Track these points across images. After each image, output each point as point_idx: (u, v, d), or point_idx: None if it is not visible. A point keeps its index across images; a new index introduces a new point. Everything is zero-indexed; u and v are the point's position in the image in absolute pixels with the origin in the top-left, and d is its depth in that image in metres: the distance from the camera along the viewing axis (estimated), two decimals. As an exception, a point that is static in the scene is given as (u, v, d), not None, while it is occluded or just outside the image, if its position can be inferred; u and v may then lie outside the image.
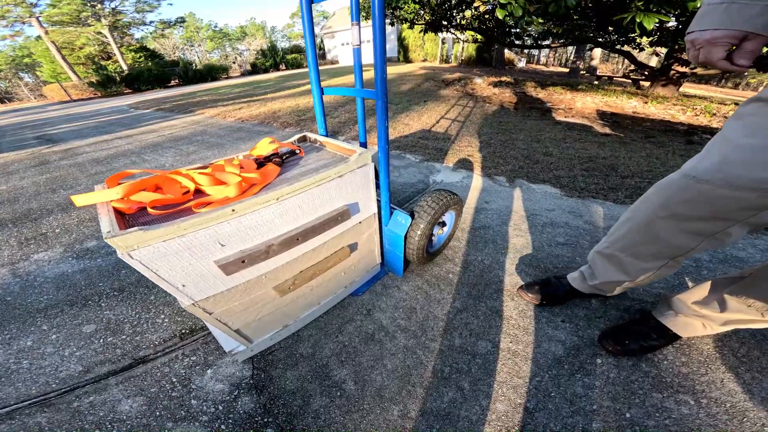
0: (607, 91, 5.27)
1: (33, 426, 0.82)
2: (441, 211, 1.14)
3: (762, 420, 0.74)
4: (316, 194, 0.81)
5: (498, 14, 3.24)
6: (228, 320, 0.78)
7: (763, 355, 0.89)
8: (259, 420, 0.80)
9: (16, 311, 1.21)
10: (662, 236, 0.74)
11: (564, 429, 0.75)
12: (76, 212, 2.01)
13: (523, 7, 3.18)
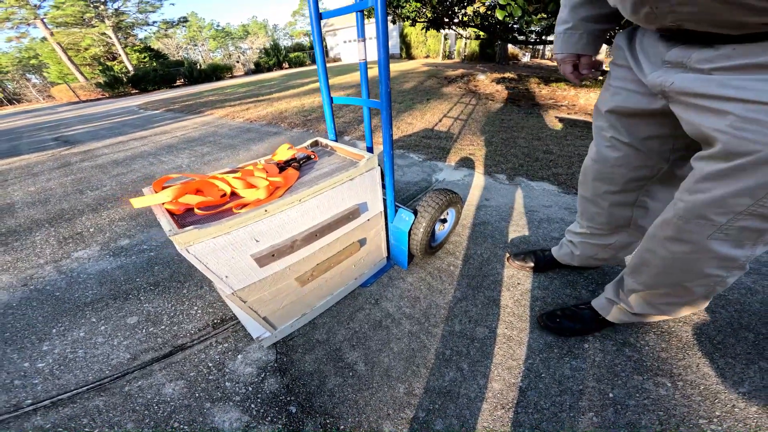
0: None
1: (92, 408, 0.93)
2: (442, 208, 1.24)
3: (732, 402, 0.83)
4: (331, 195, 0.91)
5: (498, 15, 3.30)
6: (258, 308, 0.89)
7: (738, 342, 0.97)
8: (283, 399, 0.91)
9: (66, 305, 1.32)
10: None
11: (553, 407, 0.85)
12: (106, 213, 2.14)
13: (522, 8, 3.24)
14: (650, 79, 0.66)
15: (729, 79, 0.53)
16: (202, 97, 10.15)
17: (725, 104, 0.54)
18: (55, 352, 1.11)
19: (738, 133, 0.52)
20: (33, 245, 1.80)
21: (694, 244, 0.66)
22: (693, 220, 0.63)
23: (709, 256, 0.65)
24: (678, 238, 0.68)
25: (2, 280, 1.49)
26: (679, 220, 0.66)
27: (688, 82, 0.58)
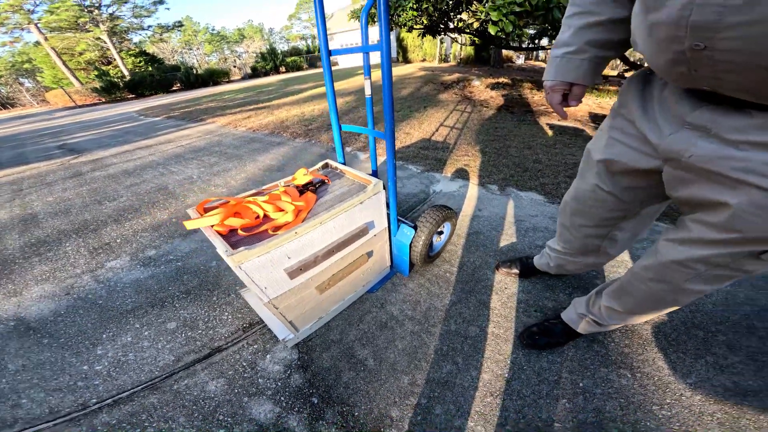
0: (600, 92, 5.49)
1: (148, 405, 1.07)
2: (439, 223, 1.40)
3: (680, 391, 0.99)
4: (346, 217, 1.07)
5: (491, 30, 3.48)
6: (286, 313, 1.06)
7: (690, 339, 1.13)
8: (306, 392, 1.07)
9: (110, 313, 1.46)
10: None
11: (533, 394, 1.01)
12: (129, 224, 2.27)
13: (513, 23, 3.42)
14: (666, 142, 0.62)
15: (755, 155, 0.50)
16: (201, 103, 10.22)
17: (742, 184, 0.52)
18: (109, 356, 1.25)
19: (750, 217, 0.53)
20: (66, 255, 1.92)
21: (673, 285, 0.73)
22: (675, 268, 0.70)
23: (685, 293, 0.73)
24: (659, 280, 0.75)
25: (45, 289, 1.63)
26: (663, 267, 0.72)
27: (710, 156, 0.55)
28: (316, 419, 0.99)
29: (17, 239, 2.19)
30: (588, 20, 0.72)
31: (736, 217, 0.55)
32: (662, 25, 0.50)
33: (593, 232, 0.98)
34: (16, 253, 1.99)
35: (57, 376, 1.17)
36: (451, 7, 5.50)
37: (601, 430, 0.91)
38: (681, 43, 0.49)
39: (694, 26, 0.46)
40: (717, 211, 0.58)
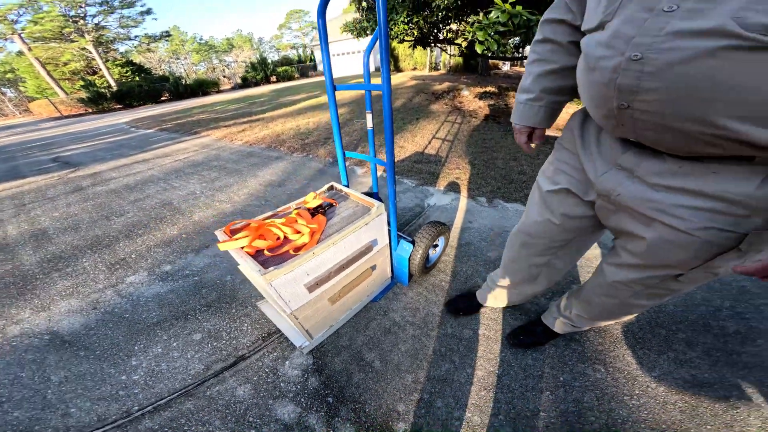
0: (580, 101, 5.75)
1: (186, 411, 1.17)
2: (434, 237, 1.57)
3: (647, 383, 1.14)
4: (354, 236, 1.23)
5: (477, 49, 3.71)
6: (304, 323, 1.20)
7: (654, 337, 1.30)
8: (322, 392, 1.20)
9: (138, 326, 1.55)
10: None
11: (520, 387, 1.16)
12: (140, 239, 2.36)
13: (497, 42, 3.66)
14: (600, 180, 0.72)
15: (667, 197, 0.61)
16: (193, 114, 10.22)
17: (655, 221, 0.65)
18: (144, 366, 1.35)
19: (660, 250, 0.66)
20: (85, 271, 2.00)
21: (621, 300, 0.86)
22: (619, 287, 0.83)
23: (632, 306, 0.87)
24: (609, 295, 0.89)
25: (72, 304, 1.71)
26: (609, 286, 0.86)
27: (633, 197, 0.66)
28: (332, 416, 1.12)
29: (32, 255, 2.25)
30: (545, 68, 0.83)
31: (650, 248, 0.67)
32: (597, 84, 0.60)
33: (537, 261, 1.05)
34: (34, 269, 2.06)
35: (99, 386, 1.28)
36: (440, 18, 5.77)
37: (581, 418, 1.06)
38: (611, 102, 0.58)
39: (620, 88, 0.55)
40: (636, 241, 0.71)
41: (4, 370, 1.35)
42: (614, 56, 0.55)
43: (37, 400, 1.24)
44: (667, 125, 0.53)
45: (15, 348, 1.45)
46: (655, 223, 0.65)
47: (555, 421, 1.07)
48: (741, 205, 0.56)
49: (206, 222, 2.49)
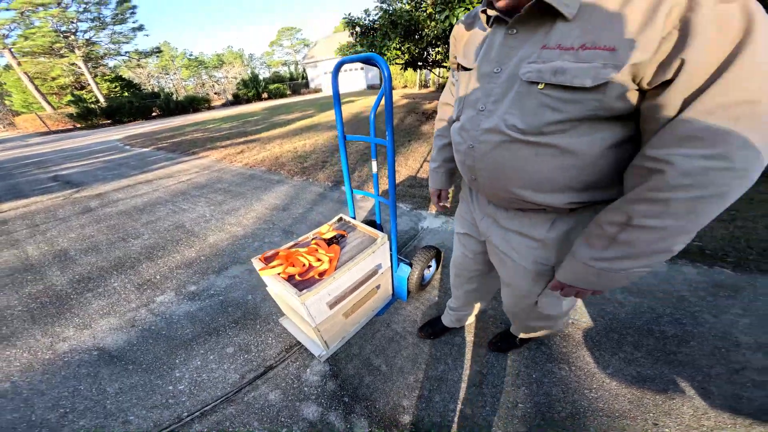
0: None
1: (228, 415, 1.34)
2: (428, 260, 1.85)
3: (602, 379, 1.39)
4: (364, 263, 1.50)
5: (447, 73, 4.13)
6: (323, 334, 1.45)
7: (608, 340, 1.56)
8: (339, 393, 1.42)
9: (176, 341, 1.72)
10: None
11: (502, 383, 1.40)
12: (161, 261, 2.53)
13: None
14: (480, 225, 0.97)
15: (513, 237, 0.85)
16: (186, 132, 10.36)
17: (505, 257, 0.90)
18: (187, 377, 1.52)
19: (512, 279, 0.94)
20: (116, 291, 2.18)
21: (526, 315, 1.09)
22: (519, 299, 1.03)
23: (536, 320, 1.11)
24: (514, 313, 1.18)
25: (111, 322, 1.89)
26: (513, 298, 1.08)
27: (496, 239, 0.91)
28: (348, 413, 1.35)
29: (60, 275, 2.41)
30: (442, 142, 1.11)
31: (506, 277, 0.96)
32: (459, 161, 0.85)
33: (469, 287, 1.31)
34: (67, 289, 2.22)
35: (150, 396, 1.45)
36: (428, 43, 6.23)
37: (551, 408, 1.29)
38: (467, 174, 0.83)
39: (468, 167, 0.80)
40: (501, 273, 0.99)
41: (63, 384, 1.53)
42: (463, 143, 0.79)
43: (99, 409, 1.41)
44: (495, 192, 0.79)
45: (68, 363, 1.63)
46: (507, 259, 0.90)
47: (530, 410, 1.30)
48: (543, 242, 0.80)
49: (221, 245, 2.70)
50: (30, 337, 1.80)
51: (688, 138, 0.51)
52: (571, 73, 0.57)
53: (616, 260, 0.65)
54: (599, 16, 0.56)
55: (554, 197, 0.71)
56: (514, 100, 0.66)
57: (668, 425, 1.22)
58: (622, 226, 0.61)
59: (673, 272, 1.97)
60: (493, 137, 0.71)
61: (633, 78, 0.55)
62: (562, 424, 1.25)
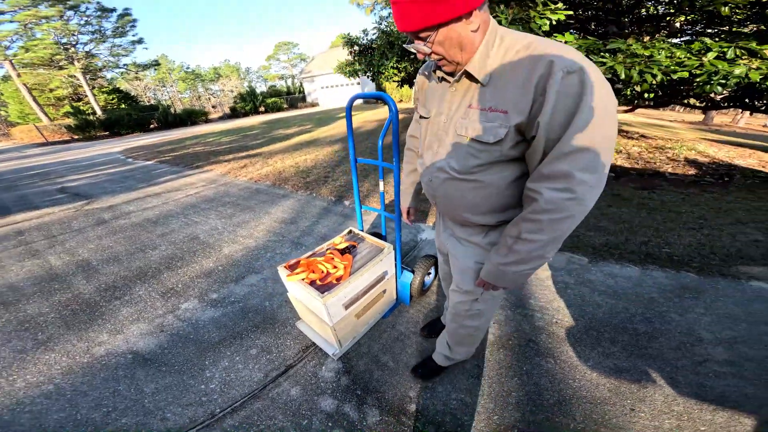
0: None
1: (256, 410, 1.47)
2: (428, 267, 2.07)
3: (584, 370, 1.57)
4: (373, 269, 1.72)
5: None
6: (338, 333, 1.65)
7: (588, 337, 1.77)
8: (352, 387, 1.58)
9: (204, 344, 1.85)
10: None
11: (497, 375, 1.59)
12: (181, 271, 2.66)
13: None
14: (443, 238, 1.22)
15: (467, 246, 1.09)
16: (187, 146, 10.52)
17: (456, 260, 1.15)
18: (217, 377, 1.65)
19: (461, 279, 1.15)
20: (142, 299, 2.31)
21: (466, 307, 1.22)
22: (456, 307, 1.24)
23: (466, 327, 1.29)
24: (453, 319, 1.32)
25: (141, 327, 2.03)
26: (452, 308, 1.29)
27: (451, 247, 1.16)
28: (361, 404, 1.51)
29: (86, 284, 2.54)
30: (409, 167, 1.42)
31: (456, 277, 1.18)
32: (424, 188, 1.08)
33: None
34: (95, 297, 2.36)
35: (184, 395, 1.57)
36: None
37: (540, 396, 1.46)
38: (431, 199, 1.07)
39: (431, 194, 1.05)
40: (455, 274, 1.20)
41: (104, 385, 1.65)
42: (425, 176, 1.04)
43: (138, 408, 1.52)
44: (449, 213, 1.06)
45: (106, 366, 1.77)
46: (457, 261, 1.15)
47: (523, 398, 1.47)
48: (480, 246, 1.05)
49: (236, 256, 2.87)
50: (66, 342, 1.94)
51: (547, 176, 0.74)
52: (482, 131, 0.82)
53: (512, 264, 0.89)
54: (501, 85, 0.78)
55: (485, 218, 0.98)
56: (452, 147, 0.91)
57: (643, 410, 1.39)
58: (515, 238, 0.85)
59: (644, 276, 2.22)
60: (442, 174, 0.96)
61: (519, 133, 0.78)
62: (551, 409, 1.42)
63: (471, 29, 0.76)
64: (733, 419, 1.33)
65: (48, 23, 23.12)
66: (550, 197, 0.75)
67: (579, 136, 0.69)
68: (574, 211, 0.75)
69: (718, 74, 3.12)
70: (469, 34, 0.76)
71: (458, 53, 0.79)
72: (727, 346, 1.67)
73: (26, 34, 23.29)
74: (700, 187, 4.08)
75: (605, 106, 0.69)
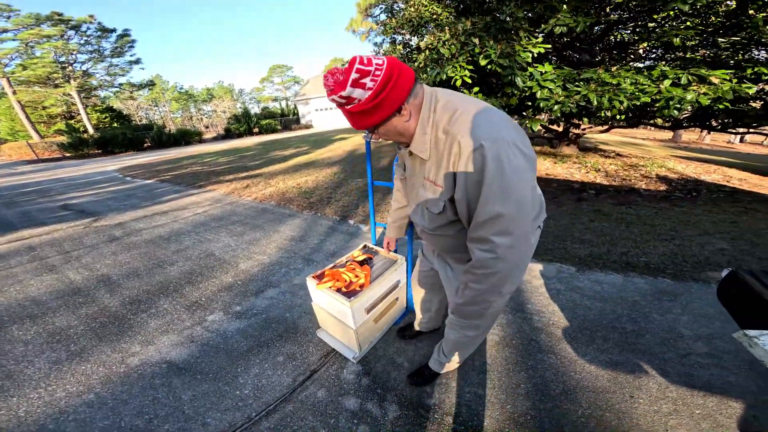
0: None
1: (288, 412, 1.55)
2: (437, 277, 2.29)
3: (583, 364, 1.76)
4: (389, 278, 1.92)
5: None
6: (359, 336, 1.82)
7: (582, 335, 1.98)
8: (373, 387, 1.70)
9: (234, 353, 1.94)
10: None
11: (505, 370, 1.76)
12: (202, 285, 2.75)
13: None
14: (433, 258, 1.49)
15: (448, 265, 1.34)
16: (185, 165, 10.62)
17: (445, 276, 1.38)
18: (249, 384, 1.74)
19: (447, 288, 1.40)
20: (168, 312, 2.40)
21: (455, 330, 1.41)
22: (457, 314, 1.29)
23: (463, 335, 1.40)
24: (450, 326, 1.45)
25: (172, 338, 2.11)
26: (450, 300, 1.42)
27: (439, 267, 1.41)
28: (382, 401, 1.63)
29: (110, 298, 2.62)
30: (397, 205, 1.63)
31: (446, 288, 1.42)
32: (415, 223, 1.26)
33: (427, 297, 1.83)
34: (121, 311, 2.44)
35: (221, 401, 1.65)
36: None
37: (547, 387, 1.62)
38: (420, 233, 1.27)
39: (419, 230, 1.23)
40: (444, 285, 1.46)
41: (143, 393, 1.72)
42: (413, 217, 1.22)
43: (179, 414, 1.58)
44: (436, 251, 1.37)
45: (142, 375, 1.84)
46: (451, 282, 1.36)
47: (531, 389, 1.63)
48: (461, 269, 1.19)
49: (252, 271, 3.00)
50: (101, 353, 2.03)
51: (474, 239, 0.91)
52: (430, 203, 1.02)
53: (464, 305, 1.08)
54: (436, 160, 0.92)
55: (457, 255, 1.22)
56: (418, 207, 1.13)
57: (642, 397, 1.56)
58: (464, 285, 1.04)
59: (627, 282, 2.49)
60: (418, 227, 1.22)
61: (453, 204, 0.95)
62: (558, 398, 1.58)
63: (404, 120, 0.91)
64: (723, 403, 1.50)
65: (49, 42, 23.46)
66: (479, 256, 0.90)
67: (489, 206, 0.81)
68: (499, 268, 0.88)
69: (673, 99, 3.55)
70: (403, 124, 0.92)
71: (400, 137, 0.97)
72: (705, 341, 1.90)
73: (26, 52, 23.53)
74: (671, 201, 4.47)
75: (513, 171, 0.78)
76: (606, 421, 1.48)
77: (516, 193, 0.80)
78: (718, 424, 1.43)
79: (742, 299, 0.90)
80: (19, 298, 2.70)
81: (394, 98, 0.84)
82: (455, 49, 4.47)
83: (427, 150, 0.92)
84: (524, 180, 0.81)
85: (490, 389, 1.69)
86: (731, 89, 3.47)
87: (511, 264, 0.89)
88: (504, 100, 4.93)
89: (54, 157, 18.99)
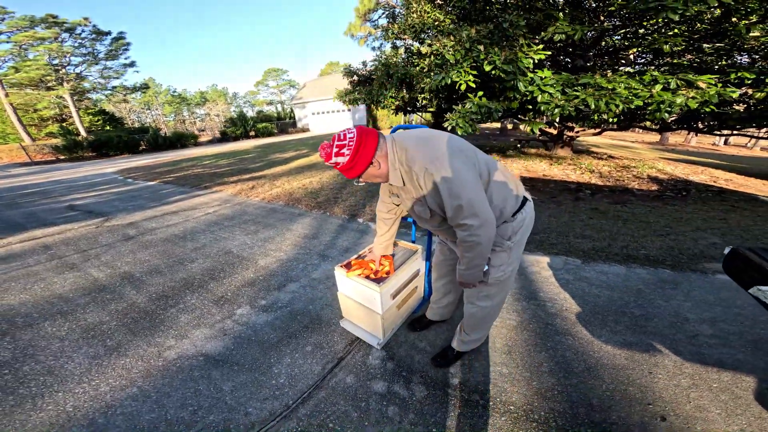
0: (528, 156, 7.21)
1: (321, 398, 1.62)
2: (453, 269, 2.42)
3: (600, 345, 1.92)
4: (410, 266, 2.05)
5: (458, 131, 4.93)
6: (384, 321, 1.93)
7: (595, 319, 2.11)
8: (398, 370, 1.77)
9: (266, 345, 2.01)
10: None
11: (526, 351, 1.89)
12: (226, 281, 2.82)
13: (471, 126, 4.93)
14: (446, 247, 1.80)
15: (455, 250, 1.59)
16: (184, 168, 10.67)
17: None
18: (283, 373, 1.80)
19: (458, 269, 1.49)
20: (197, 307, 2.45)
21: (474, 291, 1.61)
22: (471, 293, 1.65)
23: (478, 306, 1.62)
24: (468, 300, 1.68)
25: (205, 332, 2.17)
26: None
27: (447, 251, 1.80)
28: (408, 383, 1.69)
29: (137, 294, 2.68)
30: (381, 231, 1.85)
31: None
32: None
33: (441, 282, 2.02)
34: (151, 306, 2.50)
35: (259, 391, 1.70)
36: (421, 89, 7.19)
37: (569, 365, 1.75)
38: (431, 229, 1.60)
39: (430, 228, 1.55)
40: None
41: (184, 385, 1.75)
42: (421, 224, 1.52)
43: (221, 405, 1.62)
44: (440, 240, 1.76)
45: (181, 368, 1.88)
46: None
47: (554, 367, 1.75)
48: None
49: (272, 267, 3.10)
50: (137, 348, 2.06)
51: (454, 226, 1.26)
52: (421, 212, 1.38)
53: (464, 270, 1.39)
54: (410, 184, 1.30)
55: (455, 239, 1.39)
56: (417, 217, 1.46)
57: (660, 373, 1.68)
58: (461, 256, 1.37)
59: (630, 273, 2.67)
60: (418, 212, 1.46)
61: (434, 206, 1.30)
62: (582, 375, 1.70)
63: (377, 169, 1.28)
64: (736, 377, 1.63)
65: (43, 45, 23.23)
66: (461, 236, 1.25)
67: (449, 202, 1.18)
68: (477, 240, 1.22)
69: (664, 103, 3.78)
70: (377, 171, 1.29)
71: (378, 179, 1.35)
72: (710, 324, 2.05)
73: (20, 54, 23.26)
74: (663, 200, 4.72)
75: (454, 174, 1.14)
76: (630, 394, 1.60)
77: (462, 187, 1.14)
78: (736, 396, 1.56)
79: (745, 270, 1.07)
80: (45, 296, 2.74)
81: (365, 155, 1.21)
82: (460, 55, 4.65)
83: (400, 179, 1.30)
84: (463, 175, 1.15)
85: (514, 368, 1.81)
86: (717, 93, 3.70)
87: (483, 238, 1.22)
88: (505, 103, 5.12)
89: (47, 159, 18.77)
